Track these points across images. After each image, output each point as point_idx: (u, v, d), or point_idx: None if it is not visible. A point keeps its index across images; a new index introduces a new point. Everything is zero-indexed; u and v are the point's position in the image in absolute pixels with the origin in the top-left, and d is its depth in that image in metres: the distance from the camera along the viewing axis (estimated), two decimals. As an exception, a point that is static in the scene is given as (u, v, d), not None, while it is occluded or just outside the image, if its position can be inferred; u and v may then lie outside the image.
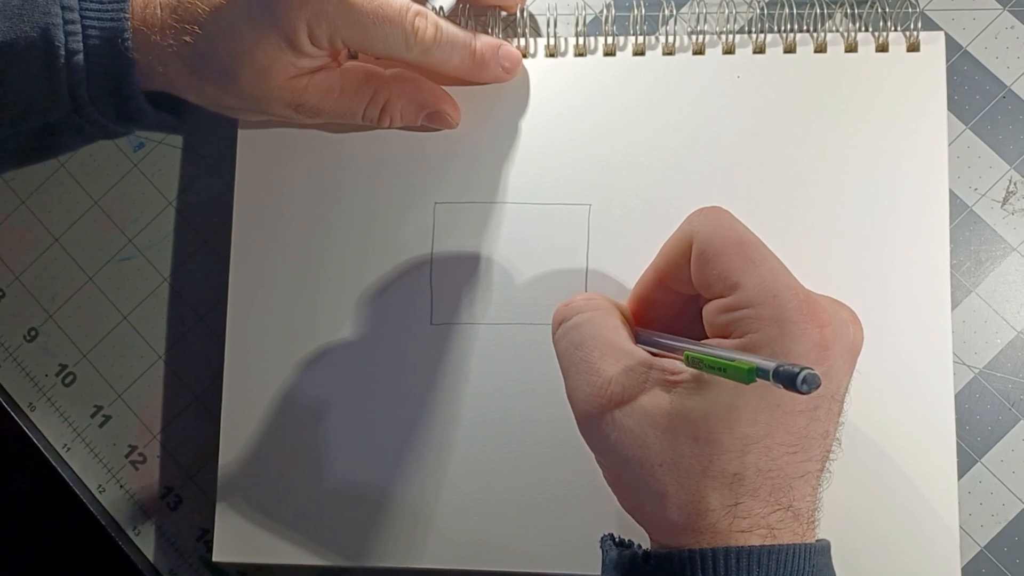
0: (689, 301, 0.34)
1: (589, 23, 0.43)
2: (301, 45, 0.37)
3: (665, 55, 0.42)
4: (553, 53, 0.42)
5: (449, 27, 0.39)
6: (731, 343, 0.30)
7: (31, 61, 0.38)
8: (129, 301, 0.45)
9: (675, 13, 0.43)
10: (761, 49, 0.41)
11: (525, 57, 0.42)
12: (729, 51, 0.41)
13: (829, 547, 0.31)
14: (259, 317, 0.42)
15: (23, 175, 0.46)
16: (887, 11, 0.41)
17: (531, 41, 0.42)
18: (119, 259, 0.45)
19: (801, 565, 0.29)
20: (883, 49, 0.41)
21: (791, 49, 0.41)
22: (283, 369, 0.42)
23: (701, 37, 0.41)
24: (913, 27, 0.40)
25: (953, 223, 0.41)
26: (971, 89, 0.42)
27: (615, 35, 0.42)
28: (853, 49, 0.41)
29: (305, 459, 0.41)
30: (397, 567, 0.40)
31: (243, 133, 0.43)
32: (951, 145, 0.41)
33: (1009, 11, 0.42)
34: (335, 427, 0.41)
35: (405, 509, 0.40)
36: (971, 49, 0.42)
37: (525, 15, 0.43)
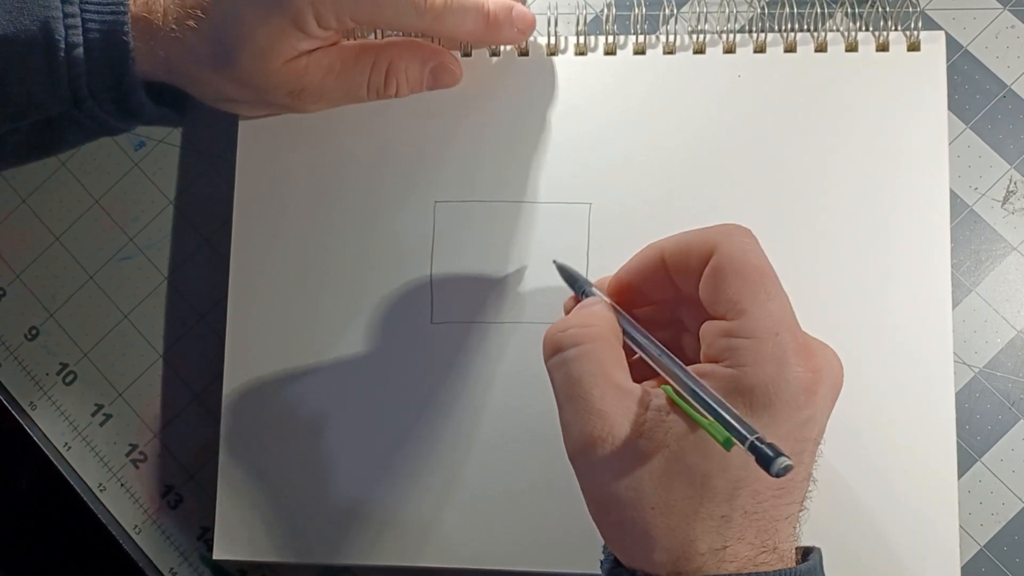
0: (679, 294, 0.34)
1: (590, 22, 0.44)
2: (307, 26, 0.37)
3: (666, 54, 0.42)
4: (554, 52, 0.42)
5: None
6: (724, 372, 0.30)
7: (31, 55, 0.38)
8: (130, 300, 0.45)
9: (676, 12, 0.43)
10: (762, 48, 0.41)
11: (525, 56, 0.42)
12: (730, 50, 0.41)
13: (814, 568, 0.31)
14: (259, 316, 0.42)
15: (24, 174, 0.46)
16: (887, 10, 0.41)
17: (532, 40, 0.42)
18: (120, 258, 0.45)
19: None
20: (883, 48, 0.41)
21: (792, 48, 0.41)
22: (283, 367, 0.42)
23: (702, 36, 0.42)
24: (914, 26, 0.40)
25: (953, 222, 0.41)
26: (971, 88, 0.42)
27: (616, 34, 0.42)
28: (853, 48, 0.41)
29: (305, 457, 0.41)
30: (398, 566, 0.40)
31: (244, 126, 0.43)
32: (951, 144, 0.41)
33: (1009, 10, 0.42)
34: (335, 425, 0.41)
35: (406, 508, 0.40)
36: (971, 48, 0.42)
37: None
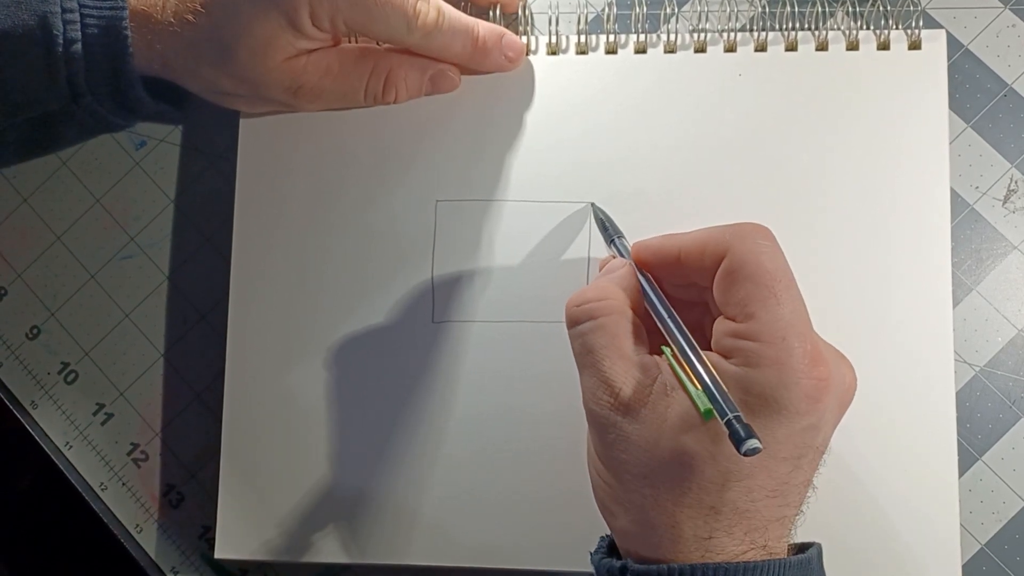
0: (699, 287, 0.35)
1: (591, 21, 0.44)
2: (302, 25, 0.37)
3: (667, 53, 0.42)
4: (555, 51, 0.42)
5: (452, 12, 0.39)
6: (729, 368, 0.30)
7: (29, 50, 0.38)
8: (131, 299, 0.45)
9: (677, 11, 0.43)
10: (763, 47, 0.41)
11: (527, 55, 0.42)
12: (731, 49, 0.41)
13: (811, 559, 0.31)
14: (260, 315, 0.42)
15: (25, 173, 0.46)
16: (888, 9, 0.41)
17: (532, 39, 0.42)
18: (121, 257, 0.45)
19: None
20: (884, 47, 0.41)
21: (792, 47, 0.41)
22: (284, 366, 0.42)
23: (703, 35, 0.42)
24: (914, 25, 0.40)
25: (954, 221, 0.41)
26: (972, 87, 0.42)
27: (617, 33, 0.42)
28: (854, 47, 0.41)
29: (306, 456, 0.41)
30: (398, 564, 0.40)
31: (245, 125, 0.43)
32: (952, 143, 0.41)
33: (1010, 9, 0.42)
34: (336, 424, 0.41)
35: (406, 506, 0.40)
36: (972, 47, 0.42)
37: (527, 13, 0.43)
